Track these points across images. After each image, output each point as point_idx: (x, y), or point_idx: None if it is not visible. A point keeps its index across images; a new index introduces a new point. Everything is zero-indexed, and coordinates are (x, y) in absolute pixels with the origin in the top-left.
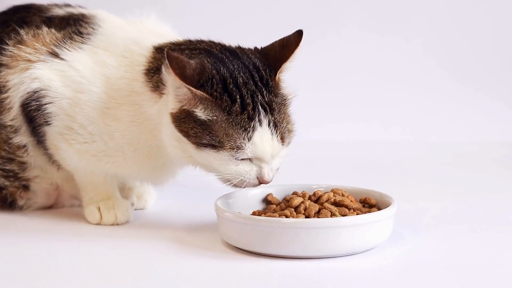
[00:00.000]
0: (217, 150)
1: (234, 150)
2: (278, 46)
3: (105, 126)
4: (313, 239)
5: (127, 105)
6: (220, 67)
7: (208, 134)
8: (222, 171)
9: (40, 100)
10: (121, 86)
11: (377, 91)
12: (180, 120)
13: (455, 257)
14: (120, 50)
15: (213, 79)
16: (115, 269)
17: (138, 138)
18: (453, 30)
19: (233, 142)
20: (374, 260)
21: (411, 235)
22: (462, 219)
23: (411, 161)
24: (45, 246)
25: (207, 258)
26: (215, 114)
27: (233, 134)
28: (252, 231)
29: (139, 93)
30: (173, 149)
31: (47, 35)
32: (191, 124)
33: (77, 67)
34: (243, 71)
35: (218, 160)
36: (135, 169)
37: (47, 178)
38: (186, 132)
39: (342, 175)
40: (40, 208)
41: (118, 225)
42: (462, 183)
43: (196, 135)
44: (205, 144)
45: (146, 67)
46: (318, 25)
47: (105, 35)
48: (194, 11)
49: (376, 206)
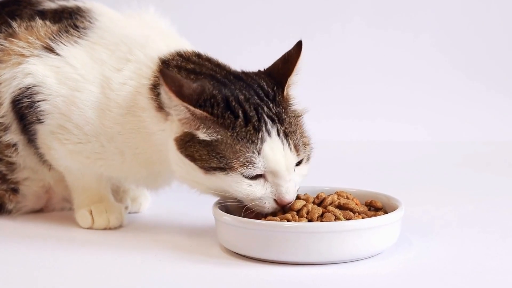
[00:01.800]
0: (227, 172)
1: (244, 167)
2: (280, 63)
3: (104, 127)
4: (316, 244)
5: (129, 116)
6: (221, 88)
7: (215, 156)
8: (235, 194)
9: (32, 97)
10: (124, 93)
11: (383, 88)
12: (185, 144)
13: (465, 263)
14: (123, 51)
15: (213, 98)
16: (107, 276)
17: (138, 144)
18: (464, 24)
19: (242, 158)
20: (380, 266)
21: (419, 240)
22: (473, 223)
23: (419, 162)
24: (34, 252)
25: (205, 264)
26: (219, 133)
27: (241, 149)
28: (252, 235)
29: (143, 108)
30: (179, 173)
31: (41, 28)
32: (196, 147)
33: (74, 63)
34: (246, 90)
35: (229, 182)
36: (130, 174)
37: (38, 180)
38: (192, 156)
39: (347, 177)
40: (30, 211)
41: (111, 230)
42: (473, 185)
43: (202, 159)
44: (214, 168)
45: (152, 82)
46: (322, 20)
47: (104, 30)
48: (193, 4)
49: (382, 209)
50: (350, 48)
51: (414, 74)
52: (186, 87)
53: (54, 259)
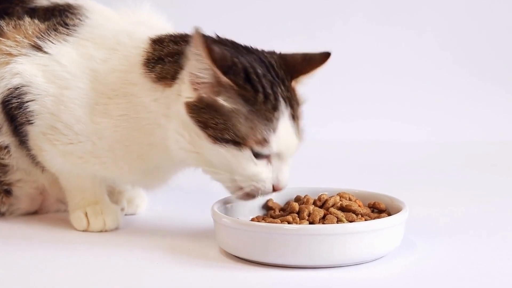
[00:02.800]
0: (240, 147)
1: (259, 145)
2: (300, 58)
3: (94, 125)
4: (318, 247)
5: (118, 98)
6: (238, 56)
7: (231, 127)
8: (239, 171)
9: (21, 97)
10: (112, 79)
11: (386, 87)
12: (200, 110)
13: (470, 266)
14: (110, 43)
15: (235, 66)
16: (103, 279)
17: (128, 135)
18: (468, 20)
19: (259, 135)
20: (383, 270)
21: (423, 243)
22: (479, 225)
23: (423, 162)
24: (28, 255)
25: (203, 267)
26: (239, 105)
27: (258, 125)
28: (252, 238)
29: (134, 83)
30: (179, 144)
31: (29, 27)
32: (212, 114)
33: (62, 61)
34: (260, 64)
35: (238, 158)
36: (125, 171)
37: (31, 181)
38: (205, 123)
39: (349, 178)
40: (24, 214)
41: (107, 232)
42: (478, 186)
43: (216, 127)
44: (227, 140)
45: (145, 57)
46: (322, 16)
47: (93, 27)
48: (190, 1)
49: (386, 211)
50: (352, 46)
51: (417, 72)
52: (216, 51)
53: (48, 263)
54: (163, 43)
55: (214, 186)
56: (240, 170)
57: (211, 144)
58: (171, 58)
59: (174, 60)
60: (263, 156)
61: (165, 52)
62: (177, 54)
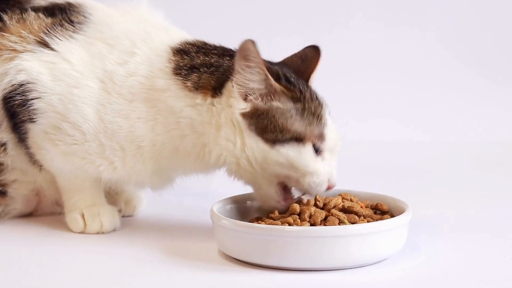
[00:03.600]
0: (302, 143)
1: (318, 139)
2: (297, 61)
3: (104, 124)
4: (319, 249)
5: (137, 102)
6: (271, 65)
7: (290, 126)
8: (303, 168)
9: (26, 95)
10: (131, 83)
11: (389, 87)
12: (258, 117)
13: (475, 269)
14: (126, 45)
15: (278, 73)
16: (100, 282)
17: (145, 136)
18: (472, 19)
19: (316, 130)
20: (386, 273)
21: (427, 245)
22: (484, 227)
23: (427, 163)
24: (23, 257)
25: (202, 270)
26: (292, 106)
27: (313, 121)
28: (252, 240)
29: (163, 89)
30: (229, 151)
31: (34, 21)
32: (270, 120)
33: (71, 59)
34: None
35: (302, 154)
36: (134, 172)
37: (27, 182)
38: (264, 129)
39: (352, 179)
40: (19, 215)
41: (104, 234)
42: (483, 187)
43: (276, 130)
44: (288, 139)
45: (173, 65)
46: (324, 16)
47: (99, 25)
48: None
49: (389, 212)
50: (354, 46)
51: (420, 71)
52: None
53: (44, 266)
54: (189, 53)
55: (212, 188)
56: (303, 166)
57: (269, 147)
58: (206, 68)
59: (210, 71)
60: (319, 151)
61: (198, 62)
62: (212, 66)
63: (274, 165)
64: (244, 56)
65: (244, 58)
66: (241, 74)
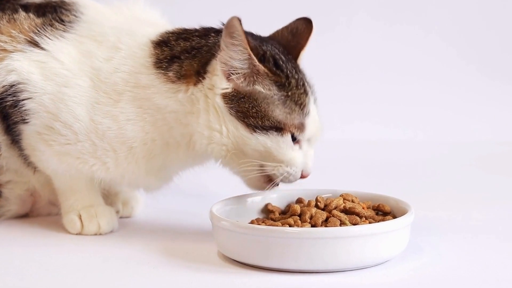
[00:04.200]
0: (281, 132)
1: (297, 129)
2: (288, 35)
3: (93, 124)
4: (320, 251)
5: (123, 103)
6: (263, 43)
7: (271, 113)
8: (279, 157)
9: (17, 95)
10: (116, 80)
11: (391, 86)
12: (239, 99)
13: (478, 271)
14: (112, 41)
15: (266, 54)
16: (98, 285)
17: (135, 137)
18: (476, 17)
19: (296, 120)
20: (388, 275)
21: (430, 247)
22: (488, 229)
23: (430, 163)
24: (19, 260)
25: (201, 272)
26: (275, 91)
27: (295, 110)
28: (252, 242)
29: (147, 86)
30: (211, 138)
31: (24, 21)
32: (252, 103)
33: (61, 58)
34: (277, 49)
35: (279, 144)
36: (127, 172)
37: (22, 183)
38: (245, 112)
39: (353, 179)
40: (14, 216)
41: (101, 235)
42: (487, 188)
43: (257, 116)
44: (268, 127)
45: (153, 59)
46: (325, 14)
47: (90, 23)
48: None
49: (391, 213)
50: (356, 45)
51: (423, 70)
52: (251, 40)
53: (39, 268)
54: (169, 42)
55: (211, 189)
56: (280, 155)
57: (249, 133)
58: (188, 54)
59: (192, 55)
60: (297, 141)
61: (178, 50)
62: (194, 49)
63: (252, 151)
64: (229, 33)
65: (229, 35)
66: (225, 51)
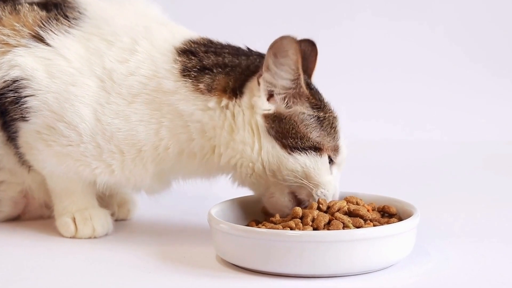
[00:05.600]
0: (320, 153)
1: (334, 152)
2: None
3: (100, 125)
4: (322, 255)
5: (138, 104)
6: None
7: (310, 135)
8: (317, 178)
9: (19, 92)
10: (132, 83)
11: (397, 85)
12: (280, 121)
13: (486, 275)
14: (126, 42)
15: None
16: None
17: (145, 138)
18: (482, 14)
19: (333, 142)
20: (393, 279)
21: (436, 251)
22: (496, 232)
23: (436, 164)
24: (10, 264)
25: (199, 276)
26: (314, 113)
27: (331, 133)
28: (251, 245)
29: (170, 92)
30: (245, 155)
31: (29, 13)
32: (292, 124)
33: (67, 56)
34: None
35: (318, 164)
36: (133, 175)
37: (15, 184)
38: (284, 133)
39: (357, 180)
40: (6, 219)
41: (96, 239)
42: (495, 190)
43: (296, 137)
44: (307, 147)
45: (180, 67)
46: (329, 11)
47: (96, 20)
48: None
49: (396, 216)
50: (361, 43)
51: (429, 69)
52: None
53: (33, 272)
54: (197, 53)
55: (210, 190)
56: (317, 176)
57: (286, 153)
58: (220, 69)
59: (226, 72)
60: (331, 164)
61: (210, 63)
62: (227, 66)
63: (288, 172)
64: (280, 52)
65: (279, 54)
66: (273, 71)
